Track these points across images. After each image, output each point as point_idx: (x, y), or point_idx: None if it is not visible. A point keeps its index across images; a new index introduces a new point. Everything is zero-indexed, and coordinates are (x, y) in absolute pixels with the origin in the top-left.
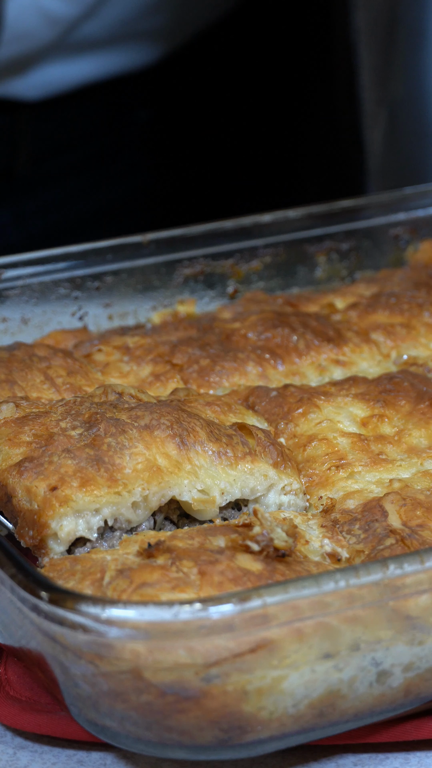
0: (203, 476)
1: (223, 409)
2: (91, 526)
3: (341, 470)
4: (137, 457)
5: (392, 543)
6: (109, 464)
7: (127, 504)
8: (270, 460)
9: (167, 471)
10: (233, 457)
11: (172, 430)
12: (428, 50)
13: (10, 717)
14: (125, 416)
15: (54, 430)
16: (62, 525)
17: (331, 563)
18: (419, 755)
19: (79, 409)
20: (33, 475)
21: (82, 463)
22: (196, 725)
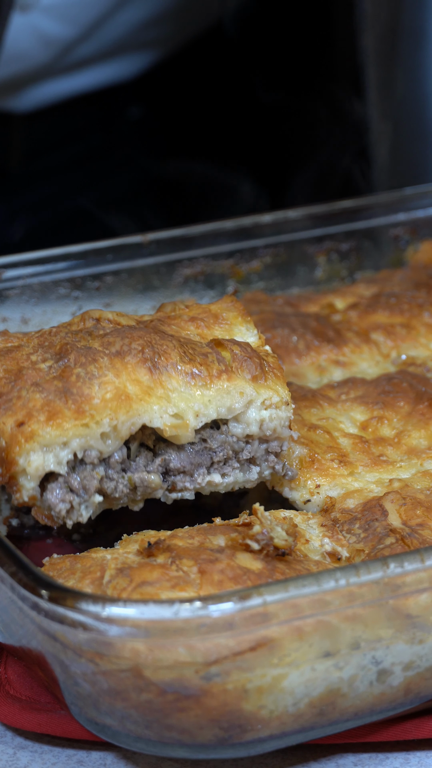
0: (176, 400)
1: (208, 323)
2: (61, 460)
3: (343, 466)
4: (106, 386)
5: (392, 542)
6: (77, 395)
7: (95, 435)
8: (248, 374)
9: (137, 398)
10: (207, 377)
11: (143, 354)
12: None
13: (10, 716)
14: (98, 344)
15: (24, 364)
16: (30, 461)
17: (331, 562)
18: (419, 755)
19: (52, 340)
20: (1, 412)
21: (50, 396)
22: (196, 724)
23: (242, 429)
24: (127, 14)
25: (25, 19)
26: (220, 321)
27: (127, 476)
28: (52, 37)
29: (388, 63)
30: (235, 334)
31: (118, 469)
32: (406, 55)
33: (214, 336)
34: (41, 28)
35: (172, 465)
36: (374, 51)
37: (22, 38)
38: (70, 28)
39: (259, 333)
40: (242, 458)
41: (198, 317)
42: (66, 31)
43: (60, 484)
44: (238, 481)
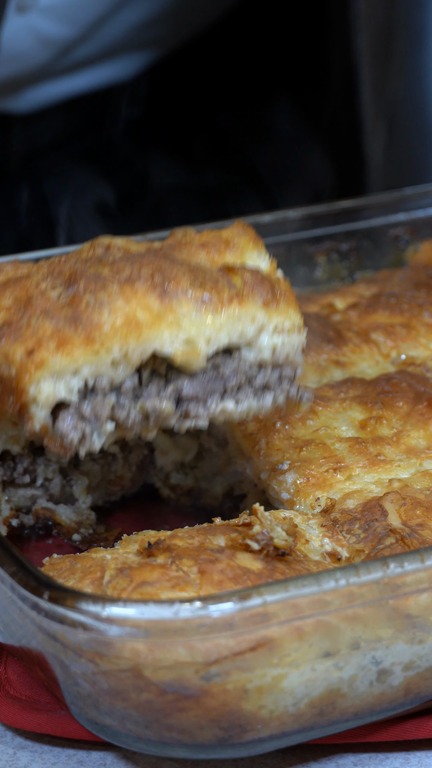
0: (187, 326)
1: (219, 249)
2: (71, 388)
3: (339, 473)
4: (116, 313)
5: (392, 542)
6: (87, 323)
7: (106, 363)
8: (259, 300)
9: (147, 325)
10: (218, 302)
11: (152, 280)
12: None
13: (10, 716)
14: (108, 270)
15: (33, 292)
16: (40, 389)
17: (331, 562)
18: (419, 755)
19: (62, 268)
20: (11, 340)
21: (60, 324)
22: (196, 724)
23: (255, 355)
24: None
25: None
26: (231, 247)
27: (139, 404)
28: (51, 38)
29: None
30: (247, 259)
31: (129, 397)
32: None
33: (225, 262)
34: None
35: (185, 392)
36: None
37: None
38: (69, 28)
39: (271, 258)
40: (256, 385)
41: (209, 243)
42: (65, 32)
43: (71, 413)
44: (252, 408)
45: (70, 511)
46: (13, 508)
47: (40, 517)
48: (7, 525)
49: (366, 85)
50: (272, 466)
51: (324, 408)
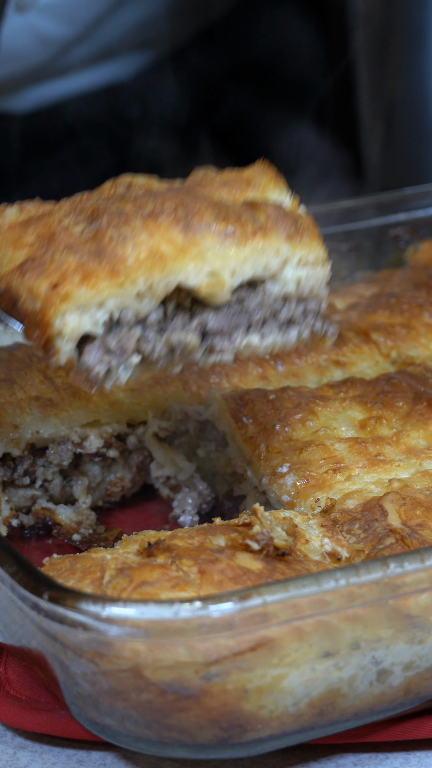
0: (211, 258)
1: (241, 187)
2: (97, 320)
3: (338, 473)
4: (140, 246)
5: (392, 542)
6: (111, 256)
7: (131, 295)
8: (283, 233)
9: (171, 258)
10: (242, 235)
11: (176, 214)
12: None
13: (10, 716)
14: (130, 207)
15: (56, 228)
16: (65, 322)
17: (331, 562)
18: (419, 755)
19: (84, 205)
20: (35, 275)
21: (83, 258)
22: (196, 724)
23: (279, 288)
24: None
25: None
26: (253, 185)
27: (165, 337)
28: (50, 37)
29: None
30: (268, 197)
31: (155, 330)
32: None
33: (246, 199)
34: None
35: (210, 326)
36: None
37: (19, 38)
38: (68, 28)
39: (293, 196)
40: (281, 319)
41: (230, 182)
42: (63, 31)
43: (97, 346)
44: (278, 342)
45: (70, 511)
46: (13, 508)
47: (40, 517)
48: (7, 525)
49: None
50: (272, 470)
51: (324, 408)
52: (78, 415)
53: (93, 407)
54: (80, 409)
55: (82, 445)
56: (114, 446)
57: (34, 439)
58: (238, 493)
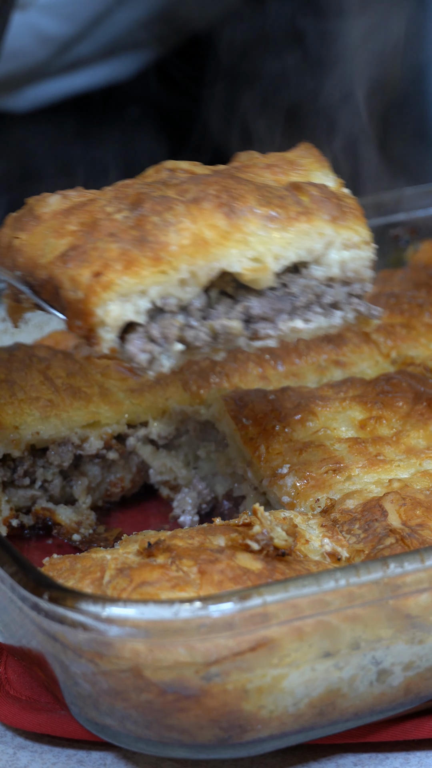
0: (254, 243)
1: (284, 170)
2: (139, 309)
3: (338, 474)
4: (183, 232)
5: (392, 542)
6: (154, 243)
7: (174, 282)
8: (327, 215)
9: (214, 243)
10: (286, 219)
11: (219, 199)
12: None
13: (10, 716)
14: (173, 192)
15: (99, 216)
16: (108, 310)
17: (331, 563)
18: (419, 755)
19: (126, 192)
20: (77, 264)
21: (126, 246)
22: (196, 724)
23: (323, 272)
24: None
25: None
26: (297, 167)
27: (208, 324)
28: (50, 35)
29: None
30: (312, 179)
31: (198, 317)
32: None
33: (290, 181)
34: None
35: (253, 311)
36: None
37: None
38: (68, 26)
39: (337, 177)
40: (325, 302)
41: (274, 164)
42: (63, 29)
43: (140, 335)
44: (322, 326)
45: (70, 511)
46: (13, 508)
47: (40, 517)
48: (7, 525)
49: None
50: (272, 471)
51: (323, 408)
52: (78, 415)
53: (93, 408)
54: (80, 409)
55: (82, 446)
56: (114, 448)
57: (34, 440)
58: (238, 493)
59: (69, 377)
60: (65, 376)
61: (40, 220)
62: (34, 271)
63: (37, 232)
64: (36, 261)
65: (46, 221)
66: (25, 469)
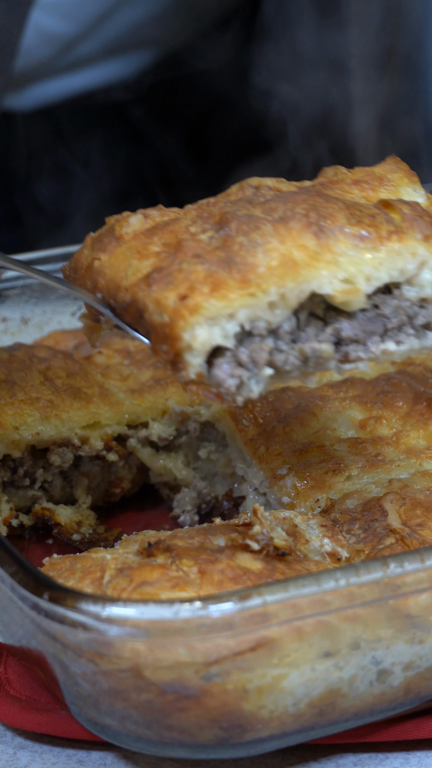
0: (345, 264)
1: (373, 186)
2: (227, 333)
3: (338, 474)
4: (271, 253)
5: (392, 542)
6: (241, 264)
7: (263, 305)
8: (419, 234)
9: (304, 264)
10: (377, 238)
11: (307, 218)
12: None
13: (10, 716)
14: (259, 211)
15: (183, 236)
16: (195, 335)
17: (331, 562)
18: (419, 755)
19: (211, 211)
20: (162, 286)
21: (212, 267)
22: (196, 724)
23: (416, 292)
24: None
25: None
26: (385, 183)
27: (298, 347)
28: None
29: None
30: (402, 195)
31: (287, 340)
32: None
33: (379, 198)
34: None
35: (344, 333)
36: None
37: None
38: (71, 25)
39: (427, 193)
40: (417, 324)
41: (362, 180)
42: (67, 28)
43: (228, 359)
44: (414, 348)
45: (70, 511)
46: (13, 508)
47: (40, 517)
48: (7, 525)
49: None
50: (272, 472)
51: (323, 408)
52: (78, 416)
53: (93, 408)
54: (80, 410)
55: (82, 447)
56: (114, 450)
57: (34, 440)
58: (238, 493)
59: (69, 377)
60: (65, 377)
61: (121, 240)
62: (116, 294)
63: (118, 253)
64: (118, 283)
65: (127, 242)
66: (25, 469)
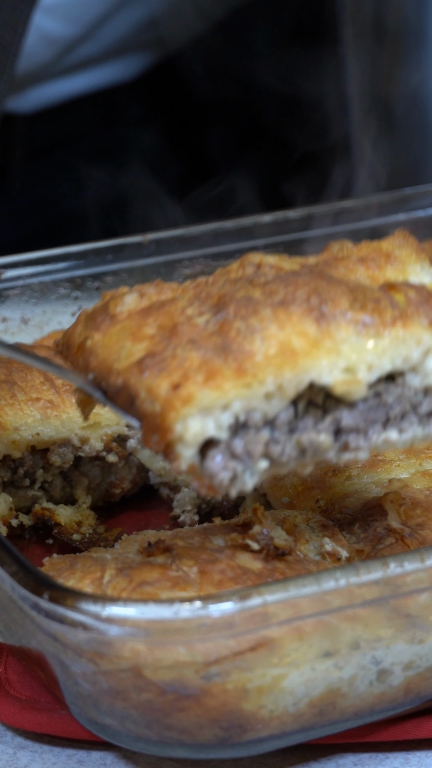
0: (346, 352)
1: (379, 263)
2: (221, 424)
3: (338, 474)
4: (269, 340)
5: (392, 542)
6: (238, 352)
7: (259, 396)
8: (425, 320)
9: (303, 352)
10: (380, 324)
11: (309, 303)
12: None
13: (10, 716)
14: (259, 293)
15: (179, 319)
16: (187, 427)
17: (331, 562)
18: (419, 755)
19: (209, 291)
20: (155, 373)
21: (207, 354)
22: (196, 723)
23: (420, 380)
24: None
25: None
26: (392, 260)
27: (295, 438)
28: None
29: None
30: (409, 273)
31: (284, 431)
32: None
33: (386, 277)
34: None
35: (344, 423)
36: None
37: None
38: (72, 27)
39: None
40: (421, 412)
41: (368, 257)
42: (67, 30)
43: (221, 451)
44: (418, 436)
45: (70, 511)
46: (12, 508)
47: (40, 517)
48: (7, 525)
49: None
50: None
51: None
52: (78, 416)
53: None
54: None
55: (82, 448)
56: (114, 451)
57: (35, 441)
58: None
59: None
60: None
61: (115, 320)
62: (108, 377)
63: (112, 334)
64: (110, 366)
65: (121, 322)
66: (25, 469)
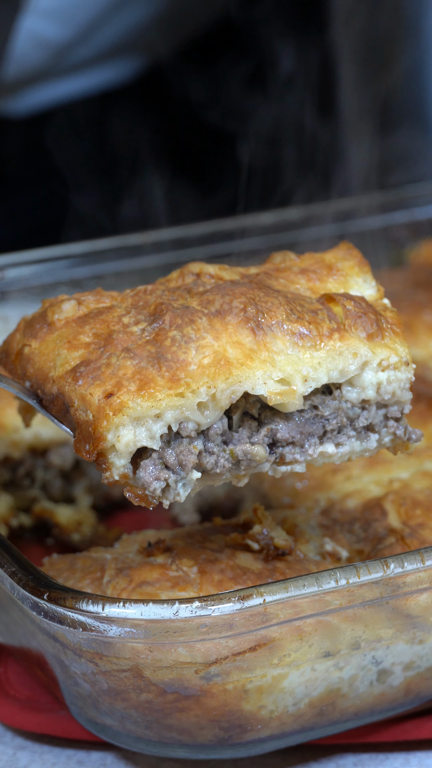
0: (282, 363)
1: (321, 275)
2: (154, 434)
3: (338, 474)
4: (204, 350)
5: (392, 542)
6: (172, 361)
7: (192, 406)
8: (363, 332)
9: (238, 363)
10: (317, 336)
11: (245, 313)
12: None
13: (10, 716)
14: (196, 302)
15: (115, 327)
16: (119, 436)
17: (331, 562)
18: (419, 755)
19: (147, 299)
20: (88, 381)
21: (142, 363)
22: (196, 724)
23: (357, 393)
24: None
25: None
26: (334, 272)
27: (229, 449)
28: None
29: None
30: (351, 286)
31: (218, 442)
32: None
33: (327, 289)
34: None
35: (280, 435)
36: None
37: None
38: (67, 30)
39: (378, 284)
40: (358, 426)
41: (309, 269)
42: (62, 34)
43: (154, 461)
44: (355, 450)
45: (70, 511)
46: (12, 508)
47: (40, 517)
48: (6, 525)
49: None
50: None
51: None
52: None
53: None
54: None
55: None
56: None
57: (35, 441)
58: (238, 493)
59: None
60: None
61: (52, 327)
62: (44, 384)
63: (49, 341)
64: (46, 374)
65: (59, 329)
66: (25, 469)
